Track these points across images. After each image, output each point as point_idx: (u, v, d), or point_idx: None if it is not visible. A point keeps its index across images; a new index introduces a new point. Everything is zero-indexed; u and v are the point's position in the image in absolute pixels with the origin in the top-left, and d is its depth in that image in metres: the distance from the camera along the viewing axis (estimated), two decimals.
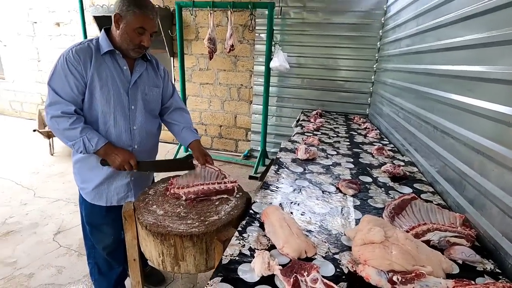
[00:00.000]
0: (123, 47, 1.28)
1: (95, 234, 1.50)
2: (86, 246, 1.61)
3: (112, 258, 1.54)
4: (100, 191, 1.41)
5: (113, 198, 1.43)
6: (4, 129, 5.31)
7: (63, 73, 1.21)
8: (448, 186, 1.36)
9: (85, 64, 1.23)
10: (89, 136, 1.22)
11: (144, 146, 1.45)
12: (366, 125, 2.88)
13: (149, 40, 1.27)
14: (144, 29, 1.23)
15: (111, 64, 1.30)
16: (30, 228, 2.42)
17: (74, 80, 1.22)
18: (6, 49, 5.75)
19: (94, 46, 1.27)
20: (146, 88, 1.40)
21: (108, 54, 1.29)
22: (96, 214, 1.46)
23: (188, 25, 4.23)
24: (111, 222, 1.45)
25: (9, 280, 1.87)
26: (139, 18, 1.21)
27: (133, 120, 1.37)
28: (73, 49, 1.24)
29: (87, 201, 1.44)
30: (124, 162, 1.28)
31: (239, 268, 0.83)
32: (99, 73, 1.26)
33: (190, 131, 1.52)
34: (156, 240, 1.02)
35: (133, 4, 1.19)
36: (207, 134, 4.67)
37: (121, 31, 1.24)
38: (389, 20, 3.11)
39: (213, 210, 1.15)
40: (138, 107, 1.38)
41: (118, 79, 1.31)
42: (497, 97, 1.06)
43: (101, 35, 1.31)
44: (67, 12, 4.90)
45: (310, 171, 1.62)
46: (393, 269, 0.80)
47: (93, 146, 1.23)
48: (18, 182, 3.23)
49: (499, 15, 1.11)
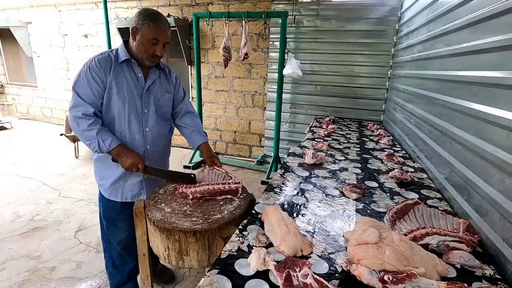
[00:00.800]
0: (139, 57, 1.41)
1: (111, 229, 1.61)
2: (102, 240, 1.72)
3: (125, 252, 1.65)
4: (116, 187, 1.52)
5: (128, 195, 1.54)
6: (35, 134, 5.71)
7: (86, 79, 1.35)
8: (454, 193, 1.34)
9: (105, 71, 1.37)
10: (104, 137, 1.34)
11: (155, 147, 1.55)
12: (379, 132, 2.86)
13: (161, 50, 1.39)
14: (158, 40, 1.36)
15: (128, 72, 1.43)
16: (54, 225, 2.59)
17: (95, 85, 1.36)
18: (39, 59, 6.22)
19: (114, 56, 1.42)
20: (158, 93, 1.52)
21: (125, 62, 1.42)
22: (112, 210, 1.57)
23: (205, 34, 4.40)
24: (125, 218, 1.55)
25: (34, 272, 2.02)
26: (152, 30, 1.34)
27: (145, 122, 1.49)
28: (96, 58, 1.39)
29: (104, 197, 1.56)
30: (133, 165, 1.38)
31: (236, 262, 0.88)
32: (116, 79, 1.39)
33: (199, 134, 1.62)
34: (162, 235, 1.09)
35: (148, 18, 1.33)
36: (222, 140, 4.78)
37: (137, 42, 1.38)
38: (403, 27, 3.10)
39: (217, 209, 1.21)
40: (151, 111, 1.49)
41: (133, 85, 1.44)
42: (500, 102, 1.06)
43: (120, 46, 1.45)
44: (94, 25, 5.25)
45: (316, 175, 1.64)
46: (385, 269, 0.82)
47: (107, 147, 1.35)
48: (45, 183, 3.46)
49: (503, 20, 1.11)
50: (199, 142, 1.58)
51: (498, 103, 1.07)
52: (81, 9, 5.31)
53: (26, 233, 2.45)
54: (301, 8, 3.79)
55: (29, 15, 5.96)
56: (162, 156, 1.65)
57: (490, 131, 1.10)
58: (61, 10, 5.53)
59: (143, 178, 1.54)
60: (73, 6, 5.37)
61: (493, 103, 1.10)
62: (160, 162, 1.63)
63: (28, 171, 3.77)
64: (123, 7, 4.90)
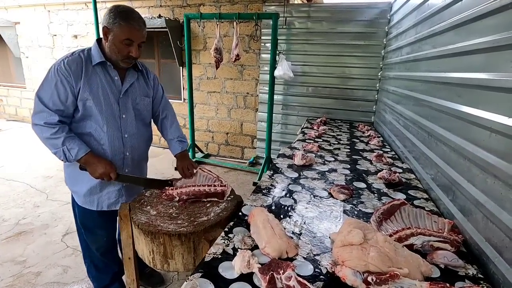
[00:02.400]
0: (113, 58, 1.31)
1: (88, 235, 1.54)
2: (81, 246, 1.66)
3: (106, 259, 1.60)
4: (92, 195, 1.43)
5: (104, 203, 1.45)
6: (23, 135, 5.59)
7: (53, 83, 1.23)
8: (440, 193, 1.35)
9: (76, 75, 1.25)
10: (70, 147, 1.24)
11: (135, 153, 1.48)
12: (370, 133, 2.87)
13: (137, 50, 1.28)
14: (131, 40, 1.25)
15: (102, 75, 1.32)
16: (41, 229, 2.53)
17: (63, 90, 1.24)
18: (27, 60, 6.10)
19: (85, 57, 1.30)
20: (137, 97, 1.43)
21: (99, 65, 1.31)
22: (88, 217, 1.49)
23: (197, 35, 4.38)
24: (103, 224, 1.49)
25: (18, 278, 1.96)
26: (125, 30, 1.22)
27: (124, 128, 1.40)
28: (65, 60, 1.26)
29: (78, 204, 1.47)
30: (104, 174, 1.29)
31: (220, 265, 0.87)
32: (90, 83, 1.28)
33: (177, 143, 1.58)
34: (147, 238, 1.07)
35: (119, 17, 1.21)
36: (214, 141, 4.76)
37: (109, 43, 1.27)
38: (392, 29, 3.13)
39: (204, 211, 1.19)
40: (129, 116, 1.41)
41: (109, 89, 1.33)
42: (483, 104, 1.07)
43: (93, 46, 1.33)
44: (84, 25, 5.19)
45: (304, 176, 1.64)
46: (368, 270, 0.82)
47: (73, 156, 1.25)
48: (32, 186, 3.39)
49: (485, 23, 1.13)
50: (175, 153, 1.56)
51: (480, 104, 1.08)
52: (70, 9, 5.24)
53: (11, 237, 2.39)
54: (293, 9, 3.80)
55: (17, 15, 5.85)
56: (141, 162, 1.59)
57: (473, 132, 1.11)
58: (50, 10, 5.44)
59: (122, 186, 1.46)
60: (62, 6, 5.29)
61: (476, 105, 1.11)
62: (139, 168, 1.57)
63: (15, 174, 3.69)
64: None
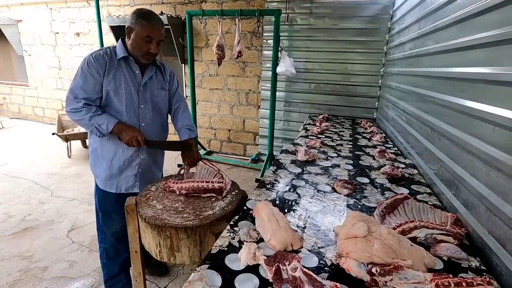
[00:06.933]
0: (134, 54, 1.48)
1: (106, 220, 1.67)
2: (98, 232, 1.78)
3: (119, 244, 1.68)
4: (112, 179, 1.58)
5: (122, 187, 1.60)
6: (26, 133, 5.63)
7: (84, 74, 1.41)
8: (443, 187, 1.36)
9: (102, 67, 1.43)
10: (99, 122, 1.40)
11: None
12: (372, 129, 2.88)
13: (156, 47, 1.45)
14: (151, 37, 1.42)
15: (125, 68, 1.49)
16: (47, 225, 2.57)
17: (92, 79, 1.42)
18: (30, 58, 6.13)
19: (111, 53, 1.48)
20: (154, 90, 1.59)
21: (122, 59, 1.49)
22: (107, 201, 1.63)
23: (199, 33, 4.38)
24: (119, 209, 1.56)
25: (25, 272, 2.00)
26: (145, 29, 1.40)
27: (142, 117, 1.55)
28: (93, 54, 1.45)
29: (100, 188, 1.62)
30: (133, 138, 1.43)
31: (227, 257, 0.88)
32: (114, 75, 1.46)
33: (185, 131, 1.65)
34: (153, 231, 1.09)
35: (141, 17, 1.40)
36: (216, 138, 4.78)
37: (132, 41, 1.45)
38: (395, 25, 3.12)
39: (209, 205, 1.21)
40: (147, 107, 1.56)
41: (130, 81, 1.50)
42: (486, 98, 1.08)
43: (118, 43, 1.51)
44: (86, 23, 5.19)
45: (308, 172, 1.66)
46: (373, 262, 0.84)
47: (106, 130, 1.41)
48: (37, 182, 3.42)
49: (488, 18, 1.13)
50: (182, 139, 1.64)
51: (484, 98, 1.09)
52: (72, 7, 5.24)
53: (17, 233, 2.43)
54: (295, 6, 3.79)
55: (19, 13, 5.87)
56: (156, 151, 1.69)
57: (476, 126, 1.12)
58: (52, 8, 5.45)
59: (138, 171, 1.60)
60: (64, 4, 5.29)
61: (479, 99, 1.12)
62: (153, 156, 1.67)
63: (20, 171, 3.72)
64: (115, 5, 4.85)
